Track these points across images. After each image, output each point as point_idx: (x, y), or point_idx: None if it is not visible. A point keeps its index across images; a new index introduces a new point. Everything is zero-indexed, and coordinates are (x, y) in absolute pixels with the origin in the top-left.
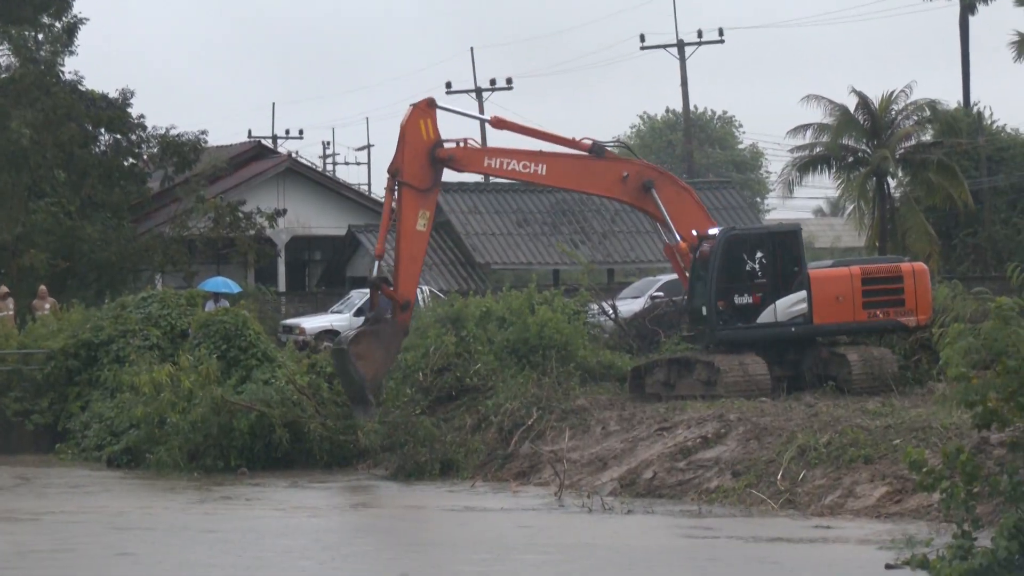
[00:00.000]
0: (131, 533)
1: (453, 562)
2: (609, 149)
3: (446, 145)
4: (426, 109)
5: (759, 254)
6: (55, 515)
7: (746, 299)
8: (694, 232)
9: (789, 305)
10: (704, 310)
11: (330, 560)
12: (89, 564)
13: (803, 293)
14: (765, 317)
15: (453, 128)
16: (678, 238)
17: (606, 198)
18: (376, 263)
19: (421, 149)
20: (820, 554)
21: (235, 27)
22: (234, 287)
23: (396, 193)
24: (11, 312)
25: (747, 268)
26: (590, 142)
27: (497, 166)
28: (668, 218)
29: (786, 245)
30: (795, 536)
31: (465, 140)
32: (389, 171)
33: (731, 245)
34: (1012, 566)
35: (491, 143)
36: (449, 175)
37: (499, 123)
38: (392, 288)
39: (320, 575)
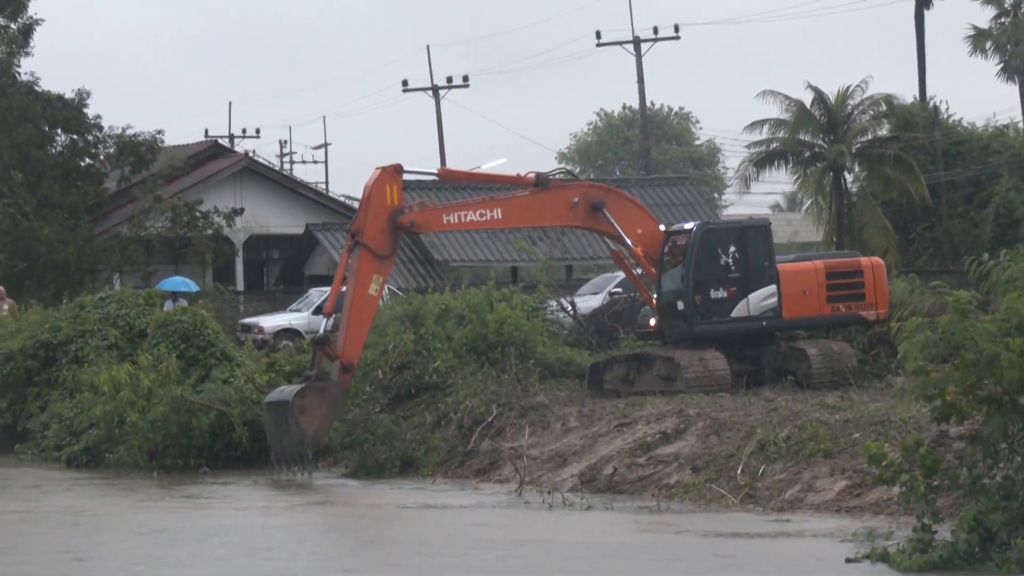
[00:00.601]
0: (79, 531)
1: (408, 558)
2: (553, 178)
3: (407, 210)
4: (393, 175)
5: (732, 248)
6: (6, 514)
7: (721, 293)
8: (661, 227)
9: (760, 299)
10: (680, 305)
11: (287, 558)
12: (32, 562)
13: (773, 287)
14: (738, 311)
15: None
16: (631, 245)
17: (561, 228)
18: (324, 321)
19: (384, 214)
20: (780, 549)
21: (192, 26)
22: (192, 286)
23: (352, 253)
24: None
25: (721, 262)
26: (534, 175)
27: (456, 221)
28: (621, 232)
29: (757, 239)
30: (755, 531)
31: (422, 202)
32: (351, 231)
33: (707, 239)
34: (972, 558)
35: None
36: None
37: (446, 174)
38: (336, 347)
39: (274, 573)
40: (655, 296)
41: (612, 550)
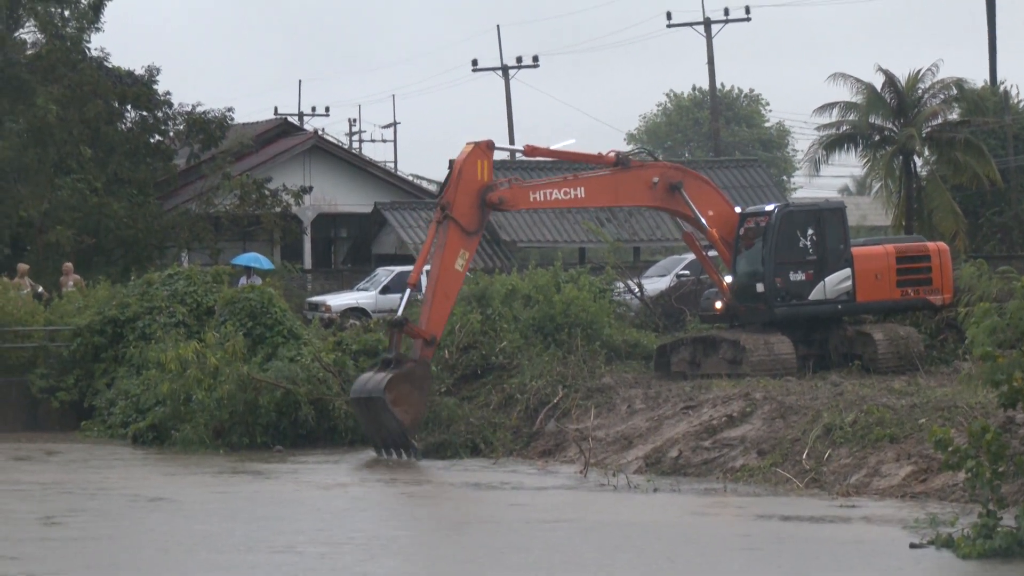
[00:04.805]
0: (71, 499)
1: (459, 539)
2: (632, 157)
3: (496, 187)
4: (485, 151)
5: (810, 231)
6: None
7: (800, 276)
8: (737, 209)
9: (836, 283)
10: (759, 287)
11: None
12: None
13: (848, 271)
14: (816, 294)
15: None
16: (707, 227)
17: (629, 209)
18: (403, 294)
19: (474, 190)
20: (845, 533)
21: (261, 3)
22: (265, 263)
23: (441, 226)
24: (29, 289)
25: (800, 245)
26: (614, 155)
27: (542, 199)
28: (698, 213)
29: (834, 222)
30: (820, 515)
31: (511, 180)
32: (440, 203)
33: (787, 221)
34: None
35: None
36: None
37: (531, 151)
38: (416, 325)
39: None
40: (728, 278)
41: (676, 531)
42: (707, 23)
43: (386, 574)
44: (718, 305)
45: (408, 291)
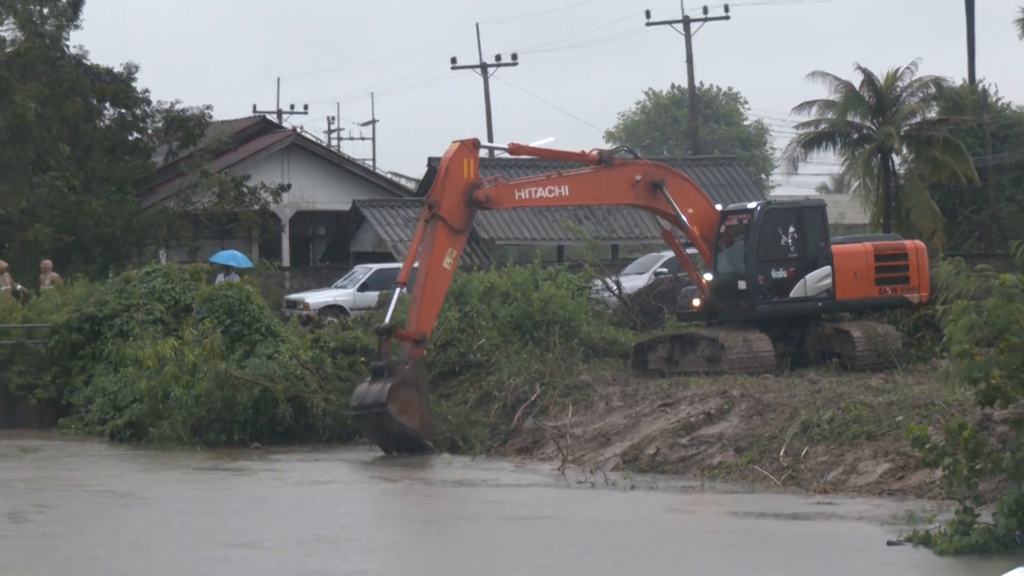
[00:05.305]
0: (43, 496)
1: (433, 535)
2: (615, 156)
3: (482, 185)
4: (471, 149)
5: (792, 229)
6: None
7: (782, 273)
8: (718, 207)
9: (817, 280)
10: (741, 284)
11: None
12: None
13: (828, 268)
14: (797, 292)
15: (453, 113)
16: (688, 225)
17: (608, 207)
18: (394, 292)
19: (460, 188)
20: (822, 530)
21: (241, 1)
22: (243, 260)
23: (428, 224)
24: (9, 287)
25: (782, 243)
26: (597, 153)
27: (527, 196)
28: (679, 211)
29: (815, 220)
30: (797, 512)
31: (496, 178)
32: (427, 202)
33: (769, 219)
34: (1011, 543)
35: (503, 167)
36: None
37: (516, 149)
38: (404, 329)
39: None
40: (708, 276)
41: (652, 528)
42: (686, 21)
43: (353, 570)
44: (696, 302)
45: (397, 293)
